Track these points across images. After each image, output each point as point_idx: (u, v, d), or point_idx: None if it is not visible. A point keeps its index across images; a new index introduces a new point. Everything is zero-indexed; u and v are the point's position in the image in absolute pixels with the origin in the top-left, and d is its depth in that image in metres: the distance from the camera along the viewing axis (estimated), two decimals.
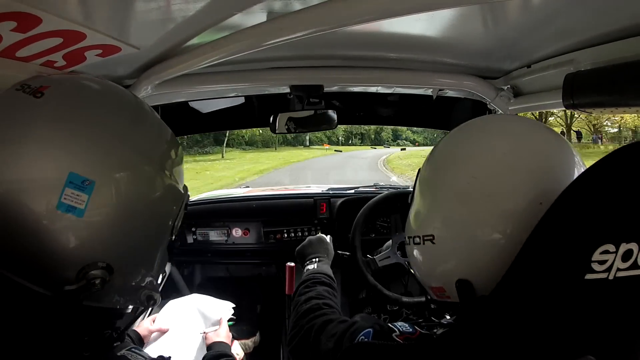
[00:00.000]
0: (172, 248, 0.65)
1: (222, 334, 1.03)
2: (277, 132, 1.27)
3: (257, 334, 1.48)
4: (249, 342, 1.33)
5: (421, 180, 0.61)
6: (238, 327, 1.28)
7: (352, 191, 1.78)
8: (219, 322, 1.07)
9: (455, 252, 0.53)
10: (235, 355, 1.03)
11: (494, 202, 0.50)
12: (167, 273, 1.49)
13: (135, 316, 0.59)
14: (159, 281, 0.59)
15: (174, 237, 0.60)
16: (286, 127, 1.27)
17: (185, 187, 0.61)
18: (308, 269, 0.97)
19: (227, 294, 1.22)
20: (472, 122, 0.62)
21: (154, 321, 1.04)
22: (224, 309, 1.12)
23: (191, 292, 1.27)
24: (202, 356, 0.96)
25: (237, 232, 1.64)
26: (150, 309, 0.59)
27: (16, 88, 0.49)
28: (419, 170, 0.63)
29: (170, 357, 0.59)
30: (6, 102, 0.48)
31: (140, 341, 0.98)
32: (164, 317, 1.06)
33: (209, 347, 0.99)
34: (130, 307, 0.56)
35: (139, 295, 0.55)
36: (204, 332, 1.04)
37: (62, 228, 0.45)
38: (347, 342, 0.63)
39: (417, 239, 0.58)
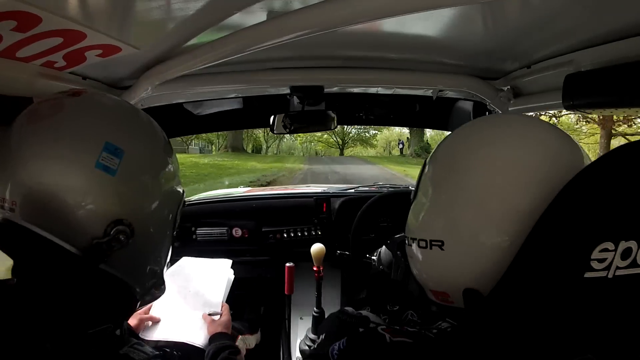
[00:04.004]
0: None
1: (226, 324, 1.02)
2: (275, 132, 1.27)
3: (259, 332, 1.48)
4: (252, 337, 1.33)
5: (428, 179, 0.57)
6: (240, 322, 1.28)
7: (352, 190, 1.78)
8: (219, 305, 1.06)
9: (466, 260, 0.50)
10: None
11: (508, 207, 0.48)
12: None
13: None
14: (163, 273, 0.66)
15: (175, 232, 0.67)
16: (283, 126, 1.26)
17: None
18: None
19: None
20: (480, 122, 0.59)
21: (149, 309, 1.02)
22: (222, 271, 1.13)
23: None
24: (204, 337, 0.98)
25: (237, 232, 1.64)
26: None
27: (56, 96, 0.59)
28: (424, 165, 0.59)
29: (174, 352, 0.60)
30: (52, 100, 0.58)
31: (132, 332, 0.96)
32: (159, 304, 1.03)
33: (212, 338, 0.97)
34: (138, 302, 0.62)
35: (146, 281, 0.62)
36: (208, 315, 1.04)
37: (97, 184, 0.53)
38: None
39: (422, 243, 0.54)
